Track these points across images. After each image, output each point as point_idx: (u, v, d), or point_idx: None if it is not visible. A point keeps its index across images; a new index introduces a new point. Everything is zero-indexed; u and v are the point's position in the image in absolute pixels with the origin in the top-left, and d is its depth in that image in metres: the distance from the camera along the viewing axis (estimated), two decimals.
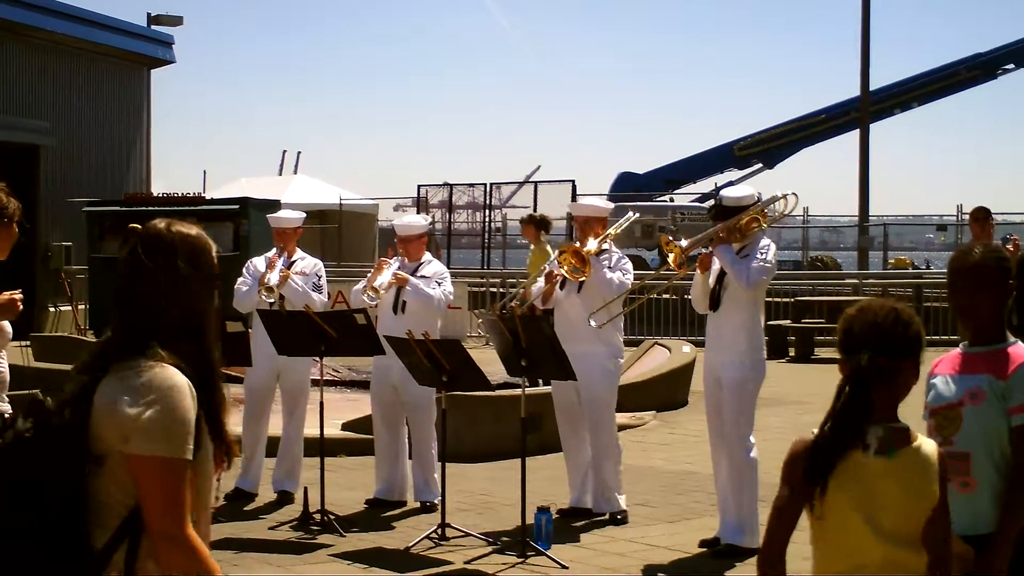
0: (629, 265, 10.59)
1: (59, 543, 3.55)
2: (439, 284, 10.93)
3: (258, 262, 11.46)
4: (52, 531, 3.55)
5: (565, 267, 10.28)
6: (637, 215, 12.69)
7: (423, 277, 10.89)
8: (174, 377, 3.63)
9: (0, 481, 3.57)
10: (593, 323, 10.06)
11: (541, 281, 10.58)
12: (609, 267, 10.36)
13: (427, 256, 11.22)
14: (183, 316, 3.75)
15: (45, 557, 3.53)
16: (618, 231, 10.82)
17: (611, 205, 11.13)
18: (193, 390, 3.66)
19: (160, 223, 3.88)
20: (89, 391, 3.65)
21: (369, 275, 10.98)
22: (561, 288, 10.41)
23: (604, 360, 10.36)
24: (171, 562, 3.60)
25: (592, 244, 10.32)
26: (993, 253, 5.02)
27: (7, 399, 7.03)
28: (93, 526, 3.60)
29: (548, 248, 16.74)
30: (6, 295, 6.54)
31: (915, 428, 4.27)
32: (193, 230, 3.89)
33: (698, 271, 9.60)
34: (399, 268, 10.98)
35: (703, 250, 9.62)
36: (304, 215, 12.13)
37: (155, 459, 3.56)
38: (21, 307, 6.57)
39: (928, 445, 4.14)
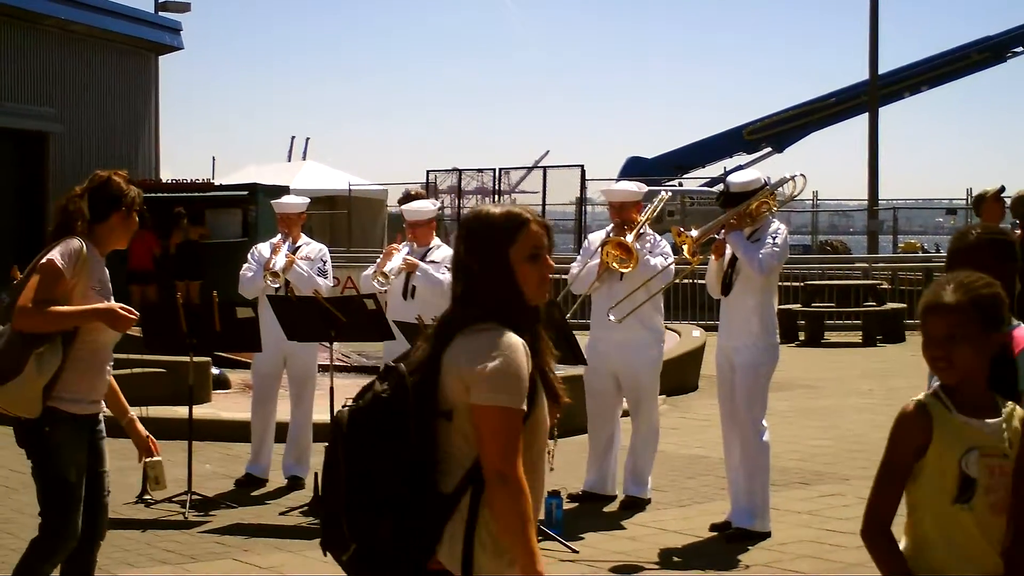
0: (668, 247, 10.51)
1: (413, 488, 4.07)
2: (449, 269, 10.89)
3: (263, 248, 11.45)
4: (407, 478, 4.06)
5: (612, 261, 10.22)
6: (669, 194, 12.58)
7: (432, 262, 10.86)
8: (512, 338, 4.11)
9: (364, 435, 4.12)
10: (612, 317, 10.01)
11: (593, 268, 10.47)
12: (650, 252, 10.32)
13: (436, 241, 11.20)
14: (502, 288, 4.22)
15: (402, 500, 4.06)
16: (653, 214, 10.77)
17: (644, 188, 11.02)
18: (528, 350, 4.13)
19: (483, 207, 4.38)
20: (437, 355, 4.15)
21: (379, 261, 10.94)
22: (599, 279, 10.37)
23: (648, 347, 10.35)
24: (498, 498, 4.03)
25: (629, 237, 10.26)
26: (991, 234, 4.96)
27: None
28: (442, 474, 4.12)
29: None
30: (117, 306, 6.39)
31: (889, 410, 4.27)
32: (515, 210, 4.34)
33: (713, 257, 9.59)
34: (408, 253, 10.95)
35: (716, 236, 9.59)
36: (308, 200, 12.10)
37: (496, 408, 4.03)
38: (132, 320, 6.43)
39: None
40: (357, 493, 4.12)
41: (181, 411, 11.82)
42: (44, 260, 6.25)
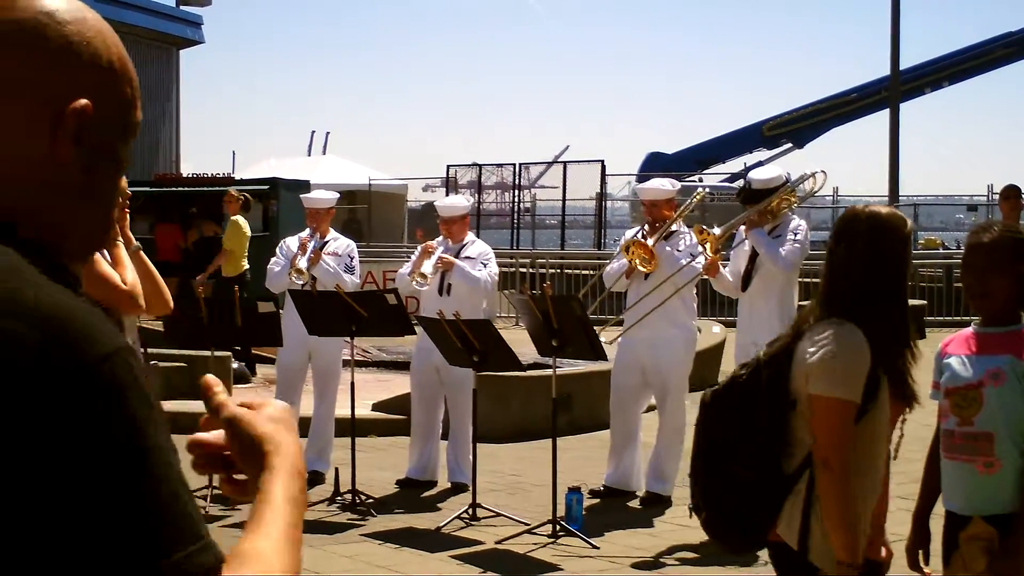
0: (699, 247, 10.51)
1: (757, 470, 4.45)
2: (484, 265, 10.90)
3: (291, 242, 11.47)
4: (753, 458, 4.46)
5: (636, 260, 10.23)
6: (708, 190, 12.53)
7: (468, 258, 10.86)
8: (855, 334, 4.34)
9: (717, 412, 4.62)
10: (625, 318, 9.96)
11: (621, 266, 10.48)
12: (680, 250, 10.32)
13: (470, 236, 11.22)
14: (876, 286, 4.45)
15: (746, 479, 4.47)
16: (686, 211, 10.75)
17: (677, 185, 10.99)
18: (867, 345, 4.34)
19: (857, 208, 4.67)
20: (790, 349, 4.46)
21: (414, 260, 10.91)
22: (627, 277, 10.38)
23: (677, 345, 10.33)
24: (821, 484, 4.30)
25: (650, 240, 10.25)
26: (1010, 232, 4.95)
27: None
28: (788, 456, 4.42)
29: (242, 223, 17.59)
30: None
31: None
32: (884, 211, 4.59)
33: (711, 275, 9.69)
34: (443, 250, 10.94)
35: (735, 233, 9.60)
36: (337, 196, 12.12)
37: (830, 399, 4.30)
38: None
39: None
40: (707, 465, 4.59)
41: (201, 406, 11.84)
42: None
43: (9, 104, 1.71)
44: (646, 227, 10.50)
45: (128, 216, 6.49)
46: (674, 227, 10.39)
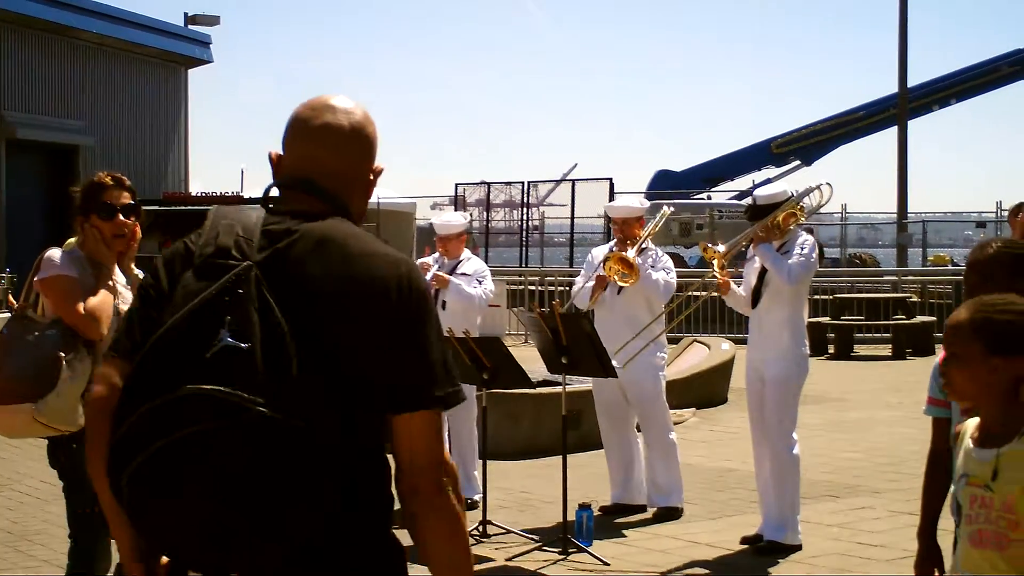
0: (670, 263, 10.64)
1: None
2: (480, 282, 10.94)
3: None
4: None
5: (614, 275, 10.27)
6: (672, 210, 12.60)
7: (463, 275, 10.89)
8: None
9: None
10: (616, 363, 9.96)
11: (588, 283, 10.55)
12: (652, 267, 10.38)
13: (466, 253, 11.22)
14: None
15: None
16: (655, 230, 10.80)
17: (647, 204, 11.07)
18: None
19: None
20: None
21: None
22: (604, 289, 10.43)
23: (649, 356, 10.35)
24: None
25: (631, 252, 10.30)
26: (1008, 248, 4.94)
27: None
28: None
29: None
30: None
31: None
32: None
33: (721, 292, 9.70)
34: (439, 267, 10.97)
35: (744, 249, 9.62)
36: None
37: None
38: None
39: None
40: None
41: None
42: (42, 279, 6.24)
43: (364, 160, 3.39)
44: (615, 244, 10.57)
45: (134, 244, 6.44)
46: (644, 245, 10.46)
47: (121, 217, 6.28)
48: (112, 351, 3.26)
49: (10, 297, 20.08)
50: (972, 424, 4.05)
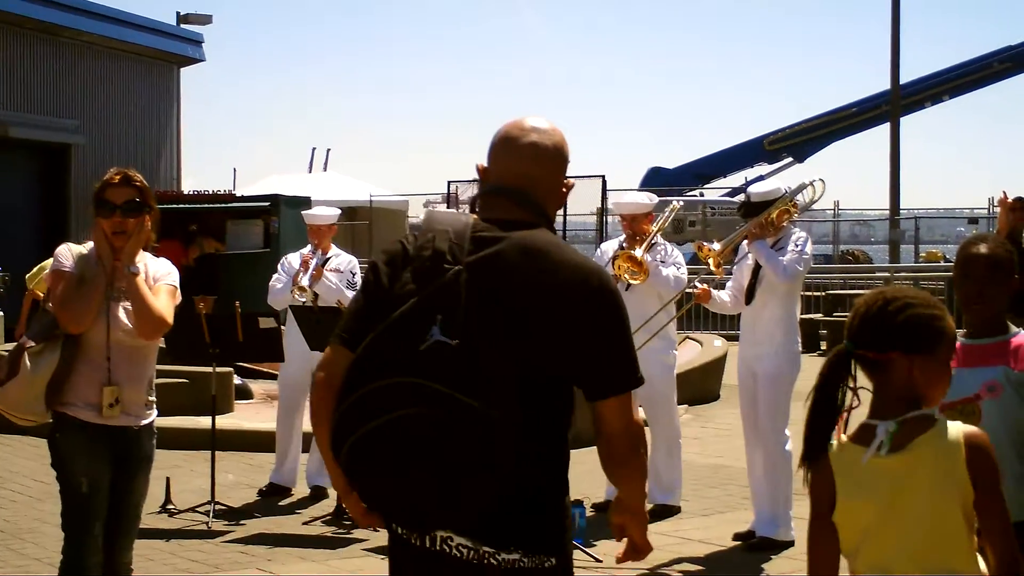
0: (681, 257, 10.56)
1: None
2: None
3: (292, 259, 11.46)
4: None
5: (623, 273, 10.23)
6: (681, 204, 12.53)
7: None
8: None
9: None
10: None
11: None
12: (662, 262, 10.34)
13: None
14: None
15: None
16: (665, 225, 10.76)
17: (655, 199, 11.02)
18: None
19: None
20: None
21: None
22: None
23: (661, 354, 10.33)
24: None
25: (639, 251, 10.27)
26: (1001, 245, 5.05)
27: None
28: None
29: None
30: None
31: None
32: None
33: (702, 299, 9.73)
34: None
35: (744, 245, 9.62)
36: (339, 212, 12.10)
37: None
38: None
39: (952, 428, 3.83)
40: None
41: (204, 421, 11.88)
42: (48, 274, 6.37)
43: (561, 174, 4.01)
44: (624, 241, 10.55)
45: (134, 241, 6.40)
46: (652, 240, 10.43)
47: (120, 215, 6.28)
48: (337, 339, 3.85)
49: None
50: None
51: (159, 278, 6.40)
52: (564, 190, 4.02)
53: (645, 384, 10.10)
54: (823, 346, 23.61)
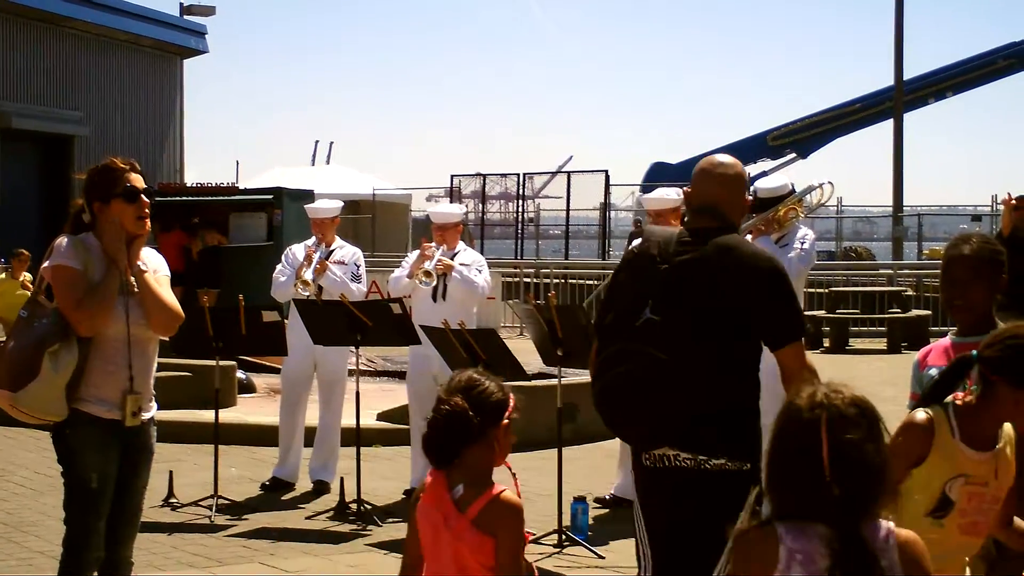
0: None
1: None
2: (479, 271, 10.86)
3: (296, 250, 11.41)
4: None
5: None
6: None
7: (463, 264, 10.82)
8: None
9: None
10: None
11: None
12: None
13: (462, 244, 11.16)
14: None
15: None
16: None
17: (682, 195, 10.96)
18: None
19: None
20: None
21: (413, 261, 10.85)
22: None
23: None
24: None
25: None
26: (988, 245, 5.13)
27: None
28: None
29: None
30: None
31: (897, 421, 4.28)
32: None
33: None
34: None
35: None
36: (342, 204, 12.06)
37: None
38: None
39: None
40: None
41: (207, 415, 11.84)
42: (48, 267, 6.17)
43: (742, 194, 5.50)
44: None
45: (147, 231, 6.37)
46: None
47: (144, 198, 6.26)
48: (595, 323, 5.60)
49: None
50: (939, 419, 4.30)
51: (157, 270, 6.37)
52: (745, 203, 5.57)
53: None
54: (826, 343, 23.57)
